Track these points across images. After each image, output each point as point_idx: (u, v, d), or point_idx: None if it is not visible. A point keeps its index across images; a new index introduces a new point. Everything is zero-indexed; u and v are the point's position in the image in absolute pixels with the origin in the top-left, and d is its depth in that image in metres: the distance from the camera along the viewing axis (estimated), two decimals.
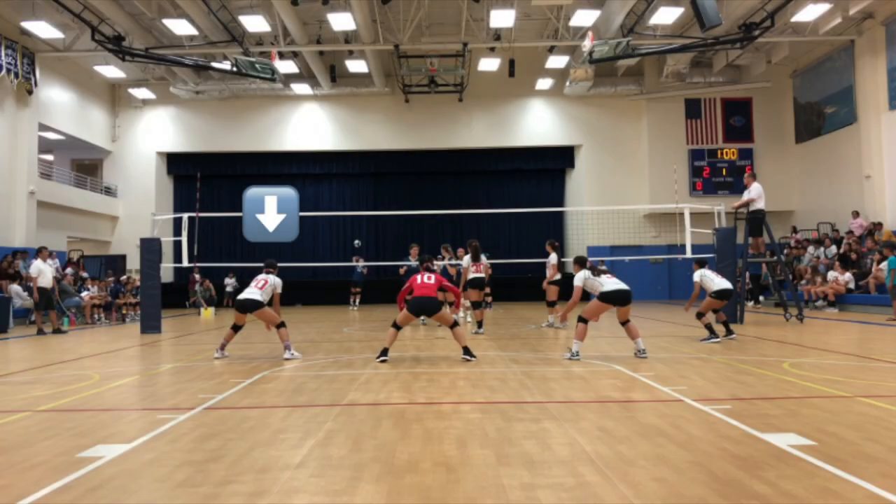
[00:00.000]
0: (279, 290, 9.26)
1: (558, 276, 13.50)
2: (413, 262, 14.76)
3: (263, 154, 27.74)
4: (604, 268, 8.90)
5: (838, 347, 9.46)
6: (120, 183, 27.10)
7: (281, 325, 9.07)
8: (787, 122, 25.87)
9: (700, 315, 10.45)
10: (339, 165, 28.25)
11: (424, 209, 24.67)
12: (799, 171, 25.43)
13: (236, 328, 9.17)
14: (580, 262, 8.88)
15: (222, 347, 9.27)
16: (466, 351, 8.51)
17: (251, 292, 8.98)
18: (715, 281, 10.47)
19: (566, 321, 9.90)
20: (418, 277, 8.87)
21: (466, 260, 12.96)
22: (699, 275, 10.67)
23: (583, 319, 8.50)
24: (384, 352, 8.55)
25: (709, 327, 10.30)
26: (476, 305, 12.81)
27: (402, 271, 14.94)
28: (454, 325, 8.68)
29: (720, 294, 10.33)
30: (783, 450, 4.05)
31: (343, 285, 24.52)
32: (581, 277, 8.60)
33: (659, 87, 26.16)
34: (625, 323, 8.61)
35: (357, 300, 22.86)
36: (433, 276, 8.88)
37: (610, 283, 8.44)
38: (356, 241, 21.33)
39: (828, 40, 21.93)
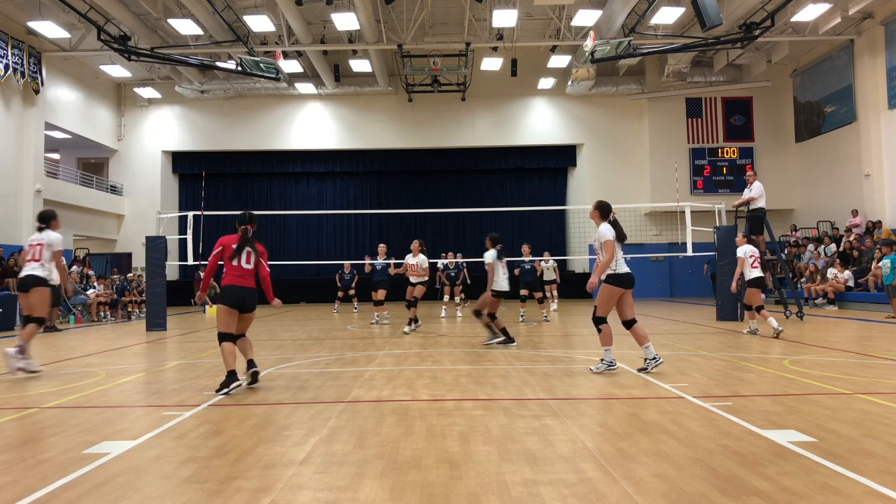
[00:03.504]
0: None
1: (426, 279, 13.28)
2: (378, 262, 14.65)
3: (268, 153, 27.81)
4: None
5: (838, 345, 9.46)
6: (126, 181, 27.19)
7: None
8: (787, 121, 25.86)
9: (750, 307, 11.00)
10: (343, 164, 28.31)
11: (427, 207, 24.77)
12: (799, 169, 25.43)
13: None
14: (603, 210, 7.12)
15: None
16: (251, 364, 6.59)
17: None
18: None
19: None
20: (240, 259, 6.36)
21: (492, 254, 10.08)
22: (742, 251, 10.97)
23: (603, 320, 7.05)
24: (231, 377, 6.14)
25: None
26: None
27: (366, 269, 15.11)
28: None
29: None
30: (783, 446, 4.08)
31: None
32: (609, 234, 6.95)
33: (660, 87, 26.17)
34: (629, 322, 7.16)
35: (355, 302, 22.89)
36: (252, 258, 6.45)
37: (622, 262, 7.03)
38: None
39: (827, 40, 21.92)
